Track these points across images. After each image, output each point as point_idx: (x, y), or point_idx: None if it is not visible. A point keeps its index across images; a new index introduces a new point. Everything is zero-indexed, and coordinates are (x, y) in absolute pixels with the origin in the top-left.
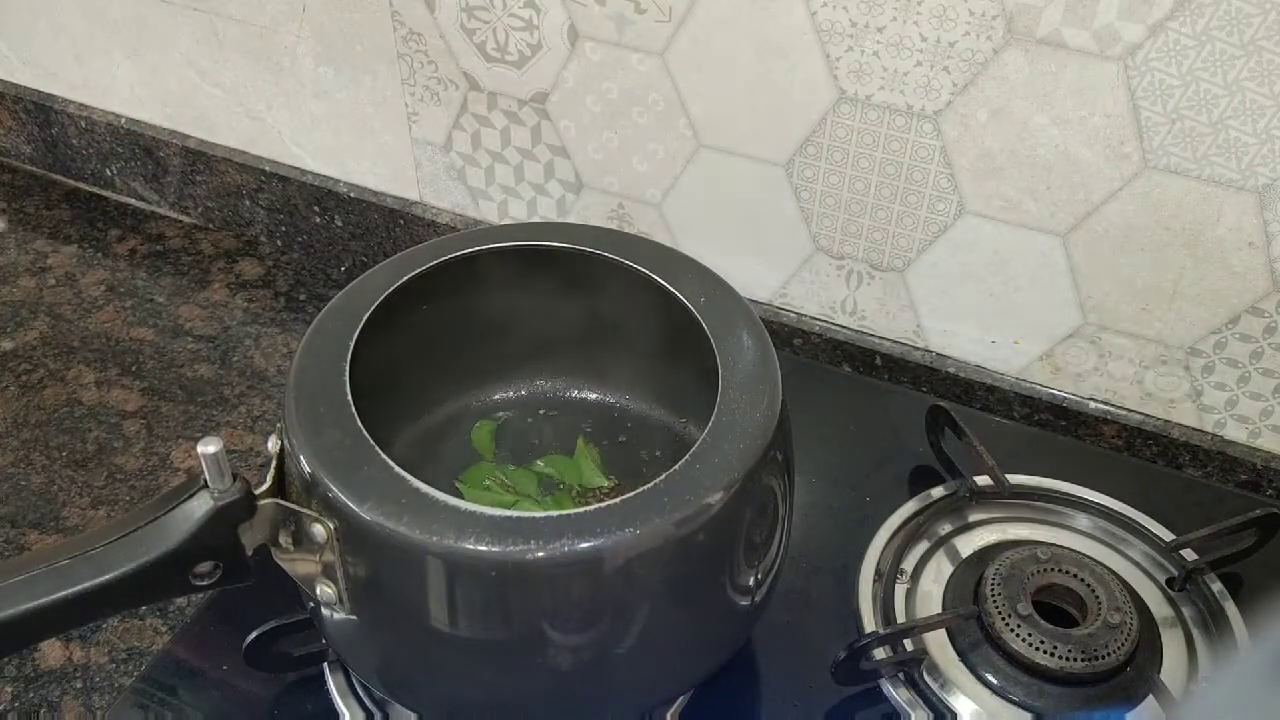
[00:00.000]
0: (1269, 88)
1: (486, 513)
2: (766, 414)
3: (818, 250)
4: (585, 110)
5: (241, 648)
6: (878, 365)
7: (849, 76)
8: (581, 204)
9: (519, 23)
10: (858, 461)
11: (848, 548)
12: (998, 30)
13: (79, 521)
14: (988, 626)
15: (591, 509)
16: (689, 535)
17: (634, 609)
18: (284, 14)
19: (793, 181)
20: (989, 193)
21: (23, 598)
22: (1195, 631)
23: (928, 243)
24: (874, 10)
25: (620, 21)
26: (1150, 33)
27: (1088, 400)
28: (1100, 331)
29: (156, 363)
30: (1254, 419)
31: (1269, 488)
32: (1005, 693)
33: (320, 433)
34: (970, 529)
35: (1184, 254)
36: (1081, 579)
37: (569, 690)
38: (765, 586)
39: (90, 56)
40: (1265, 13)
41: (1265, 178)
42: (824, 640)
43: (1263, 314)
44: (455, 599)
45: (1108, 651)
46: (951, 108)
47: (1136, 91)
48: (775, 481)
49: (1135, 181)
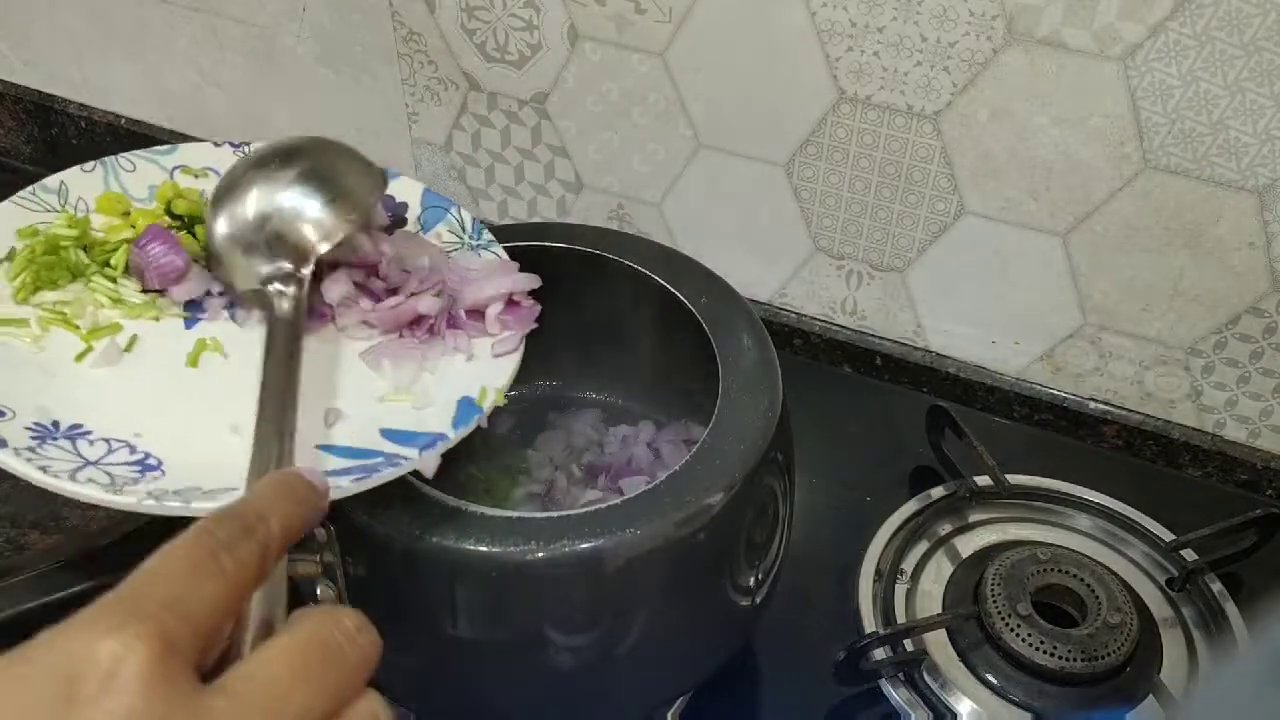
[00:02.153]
0: (1269, 88)
1: (487, 513)
2: (767, 414)
3: (818, 250)
4: (585, 110)
5: None
6: (878, 365)
7: (849, 76)
8: (581, 204)
9: (519, 23)
10: (858, 461)
11: (848, 548)
12: (998, 30)
13: (79, 521)
14: (988, 626)
15: (592, 509)
16: (689, 536)
17: (634, 609)
18: (284, 14)
19: (793, 181)
20: (989, 193)
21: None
22: (1195, 631)
23: (928, 243)
24: (874, 10)
25: (620, 21)
26: (1150, 33)
27: (1088, 400)
28: (1100, 331)
29: None
30: (1254, 419)
31: (1269, 488)
32: (1005, 693)
33: None
34: (970, 529)
35: (1184, 254)
36: (1081, 579)
37: (569, 690)
38: (765, 587)
39: (90, 56)
40: (1265, 13)
41: (1265, 178)
42: (824, 640)
43: (1263, 314)
44: (456, 600)
45: (1108, 651)
46: (951, 108)
47: (1136, 91)
48: (775, 482)
49: (1135, 181)
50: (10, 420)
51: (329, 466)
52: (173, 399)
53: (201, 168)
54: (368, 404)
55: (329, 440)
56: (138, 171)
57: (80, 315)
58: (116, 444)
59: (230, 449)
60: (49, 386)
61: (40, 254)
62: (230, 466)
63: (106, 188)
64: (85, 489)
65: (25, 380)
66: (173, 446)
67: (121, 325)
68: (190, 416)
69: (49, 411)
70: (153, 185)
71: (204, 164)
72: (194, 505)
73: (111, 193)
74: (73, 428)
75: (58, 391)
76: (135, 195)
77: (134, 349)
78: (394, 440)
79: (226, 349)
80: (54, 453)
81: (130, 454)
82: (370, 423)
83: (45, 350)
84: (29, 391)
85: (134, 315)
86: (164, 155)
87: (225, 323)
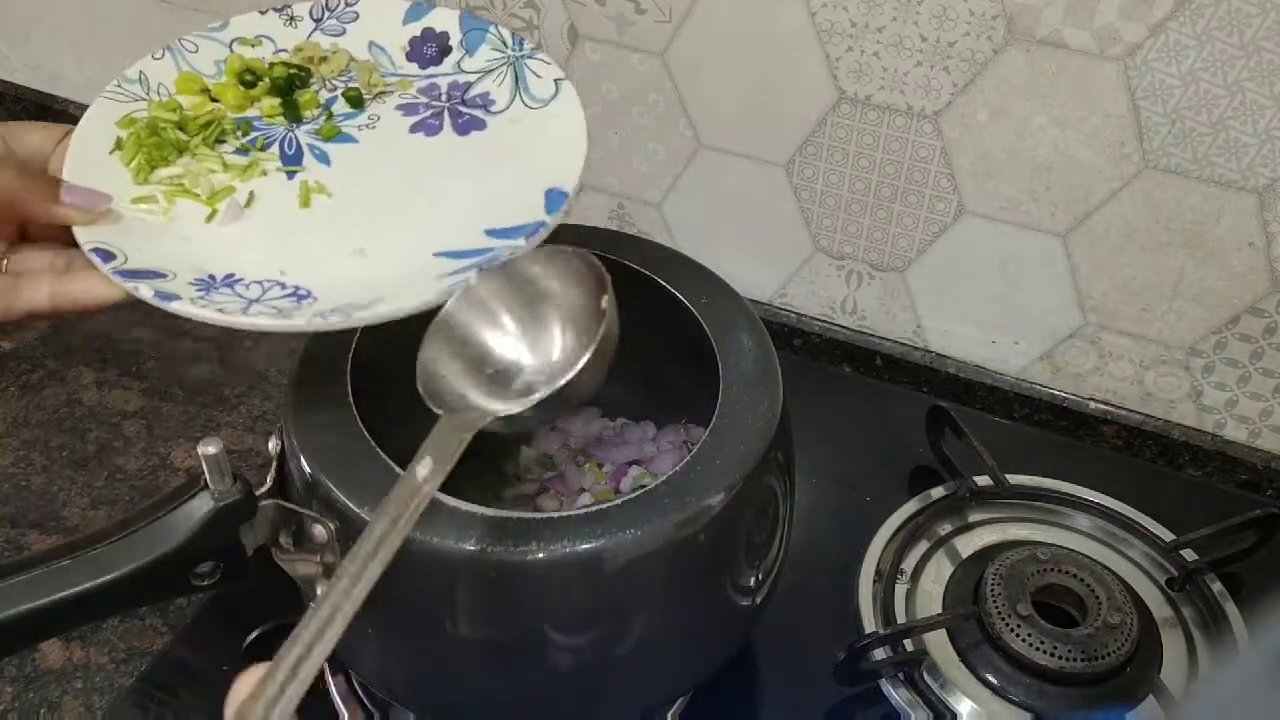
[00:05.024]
0: (1269, 88)
1: (487, 513)
2: (767, 415)
3: (817, 250)
4: (585, 110)
5: (242, 648)
6: (878, 365)
7: (849, 76)
8: (581, 204)
9: (519, 23)
10: (858, 461)
11: (848, 548)
12: (998, 30)
13: (79, 521)
14: (988, 626)
15: (592, 509)
16: (690, 536)
17: (634, 610)
18: None
19: (793, 181)
20: (989, 193)
21: (23, 598)
22: (1195, 631)
23: (928, 243)
24: (874, 10)
25: (620, 21)
26: (1150, 33)
27: (1088, 400)
28: (1100, 331)
29: (157, 363)
30: (1254, 419)
31: (1269, 488)
32: (1005, 693)
33: (320, 433)
34: (970, 529)
35: (1184, 254)
36: (1081, 579)
37: (569, 691)
38: (765, 587)
39: (90, 56)
40: (1265, 13)
41: (1265, 178)
42: (824, 640)
43: (1263, 314)
44: (456, 600)
45: (1108, 651)
46: (951, 108)
47: (1136, 91)
48: (776, 482)
49: (1135, 182)
50: (174, 280)
51: (448, 270)
52: (298, 238)
53: (255, 36)
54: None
55: (441, 248)
56: (200, 51)
57: (197, 184)
58: (269, 284)
59: (362, 267)
60: (191, 248)
61: (146, 138)
62: (365, 282)
63: (179, 70)
64: (259, 320)
65: (171, 247)
66: (314, 275)
67: (234, 186)
68: (318, 249)
69: (203, 267)
70: (217, 60)
71: (256, 33)
72: (355, 317)
73: (187, 73)
74: (227, 277)
75: (200, 251)
76: (206, 72)
77: (252, 205)
78: (498, 236)
79: (330, 188)
80: (220, 298)
81: (283, 290)
82: (472, 228)
83: (174, 220)
84: (179, 255)
85: (243, 177)
86: (219, 32)
87: (319, 166)
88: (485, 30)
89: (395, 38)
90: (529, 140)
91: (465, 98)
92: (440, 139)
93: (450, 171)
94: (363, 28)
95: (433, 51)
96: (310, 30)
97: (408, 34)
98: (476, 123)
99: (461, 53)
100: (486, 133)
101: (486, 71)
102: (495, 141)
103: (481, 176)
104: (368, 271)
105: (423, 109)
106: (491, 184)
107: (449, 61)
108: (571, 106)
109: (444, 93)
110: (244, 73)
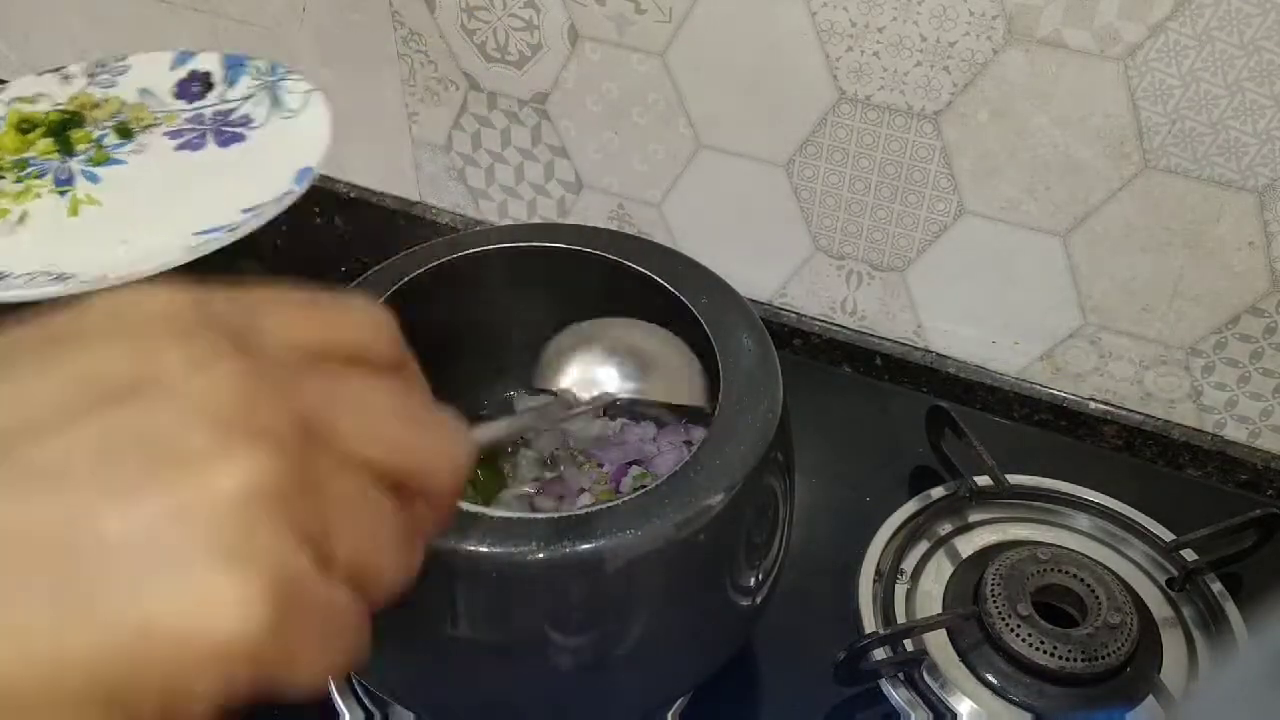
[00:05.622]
0: (1269, 88)
1: (488, 514)
2: (767, 415)
3: (818, 250)
4: (585, 110)
5: None
6: (878, 365)
7: (849, 76)
8: (581, 204)
9: (519, 23)
10: (858, 461)
11: (848, 548)
12: (998, 30)
13: None
14: (988, 626)
15: (593, 509)
16: (689, 537)
17: (634, 610)
18: (284, 14)
19: (793, 181)
20: (989, 193)
21: None
22: (1195, 631)
23: (928, 243)
24: (874, 10)
25: (620, 21)
26: (1150, 33)
27: (1088, 400)
28: (1100, 331)
29: None
30: (1254, 419)
31: (1269, 488)
32: (1005, 693)
33: None
34: (970, 529)
35: (1184, 254)
36: (1081, 579)
37: (569, 691)
38: (765, 587)
39: (90, 57)
40: (1265, 13)
41: (1265, 178)
42: (824, 640)
43: (1263, 314)
44: (455, 600)
45: (1108, 651)
46: (951, 108)
47: (1136, 91)
48: (776, 482)
49: (1135, 181)
50: None
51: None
52: (69, 240)
53: (33, 94)
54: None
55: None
56: None
57: None
58: (39, 274)
59: (127, 252)
60: None
61: None
62: (125, 261)
63: None
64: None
65: None
66: (80, 264)
67: (9, 210)
68: (87, 246)
69: None
70: None
71: (34, 91)
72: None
73: None
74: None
75: None
76: None
77: (26, 221)
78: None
79: (99, 199)
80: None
81: (49, 276)
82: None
83: None
84: None
85: (17, 201)
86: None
87: (89, 184)
88: (244, 65)
89: (163, 82)
90: (283, 140)
91: (228, 119)
92: (203, 152)
93: (212, 174)
94: (133, 78)
95: (198, 89)
96: (84, 85)
97: (175, 77)
98: (238, 137)
99: (225, 86)
100: (246, 143)
101: (247, 97)
102: (253, 146)
103: (239, 173)
104: (131, 254)
105: (188, 133)
106: (248, 176)
107: (213, 95)
108: (320, 110)
109: (208, 119)
110: (21, 123)
